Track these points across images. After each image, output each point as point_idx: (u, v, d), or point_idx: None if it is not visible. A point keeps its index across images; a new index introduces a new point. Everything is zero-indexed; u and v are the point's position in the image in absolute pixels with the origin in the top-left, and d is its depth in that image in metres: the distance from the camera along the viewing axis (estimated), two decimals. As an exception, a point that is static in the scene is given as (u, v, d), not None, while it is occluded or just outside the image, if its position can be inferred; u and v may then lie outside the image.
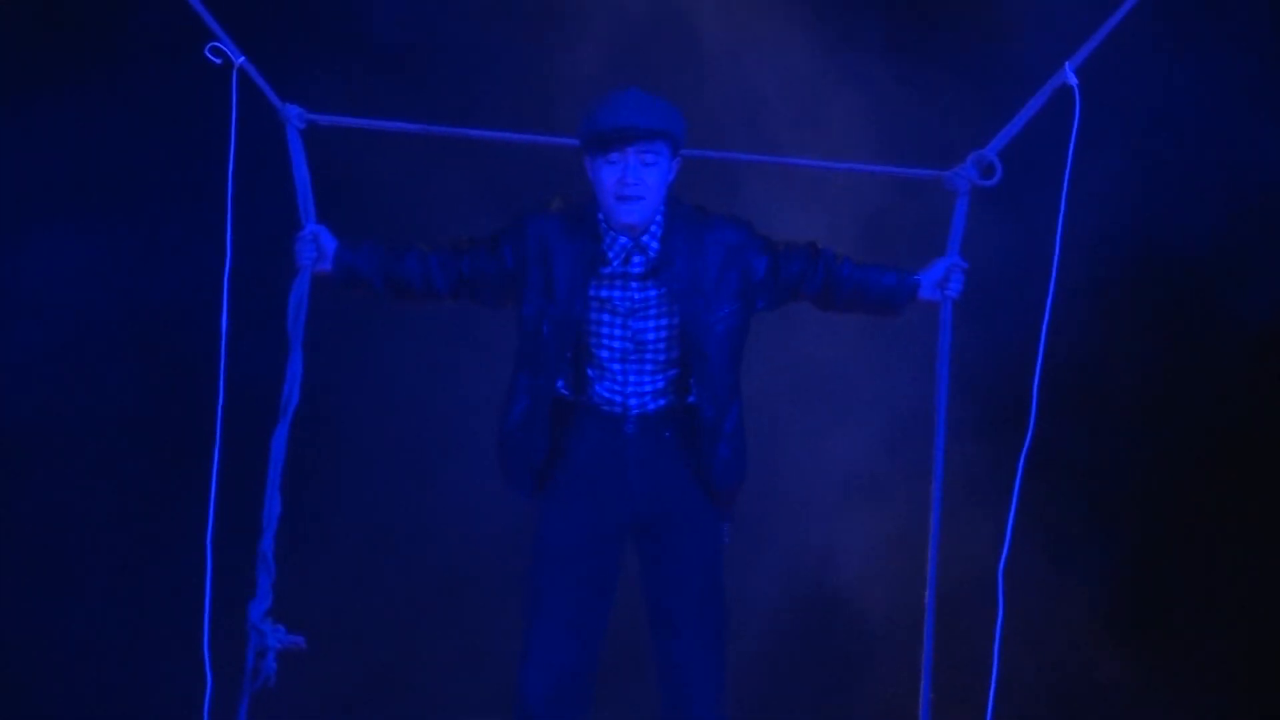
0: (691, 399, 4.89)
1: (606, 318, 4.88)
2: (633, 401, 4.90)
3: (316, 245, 5.01)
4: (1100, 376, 7.27)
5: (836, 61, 7.22)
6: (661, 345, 4.89)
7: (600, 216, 4.88)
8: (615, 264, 4.87)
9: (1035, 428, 5.17)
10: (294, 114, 5.06)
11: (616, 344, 4.89)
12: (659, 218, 4.87)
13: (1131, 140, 7.09)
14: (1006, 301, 6.84)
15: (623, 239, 4.86)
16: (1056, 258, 5.18)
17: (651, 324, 4.88)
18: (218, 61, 5.00)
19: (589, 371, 4.90)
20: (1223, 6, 7.10)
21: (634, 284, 4.88)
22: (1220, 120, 7.16)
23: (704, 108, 6.69)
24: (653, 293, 4.88)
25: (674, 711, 4.90)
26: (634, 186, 4.79)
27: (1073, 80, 5.07)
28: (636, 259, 4.87)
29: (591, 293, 4.86)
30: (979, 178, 5.16)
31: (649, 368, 4.90)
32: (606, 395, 4.89)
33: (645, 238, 4.86)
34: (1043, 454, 5.28)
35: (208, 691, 4.97)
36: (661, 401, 4.91)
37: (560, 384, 4.90)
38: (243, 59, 5.01)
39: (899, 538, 7.00)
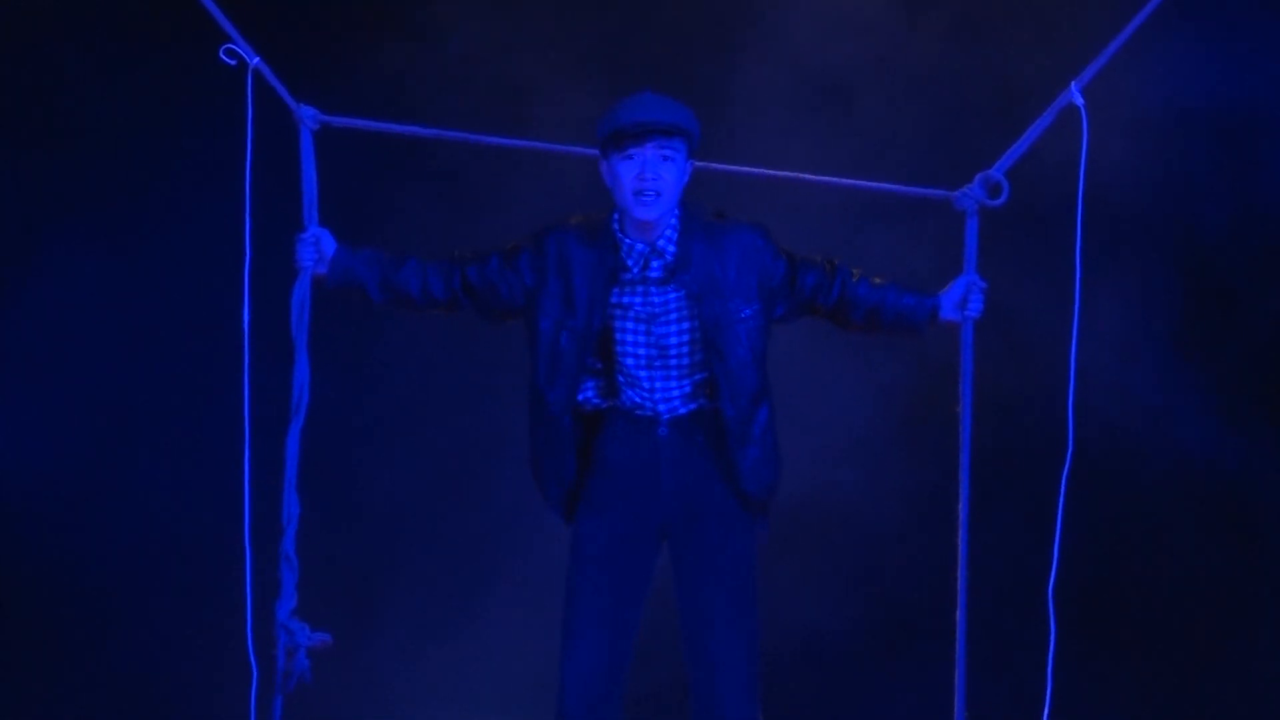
0: (719, 401, 4.90)
1: (630, 325, 4.89)
2: (662, 407, 4.91)
3: (317, 248, 5.02)
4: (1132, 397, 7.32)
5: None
6: (685, 350, 4.90)
7: (615, 226, 4.90)
8: (634, 270, 4.88)
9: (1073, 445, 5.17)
10: (308, 115, 5.07)
11: (641, 351, 4.89)
12: (674, 220, 4.89)
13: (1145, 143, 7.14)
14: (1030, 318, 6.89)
15: (639, 245, 4.87)
16: (1079, 274, 5.19)
17: (674, 328, 4.89)
18: (232, 63, 5.00)
19: (618, 378, 4.91)
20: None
21: (654, 289, 4.89)
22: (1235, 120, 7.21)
23: (713, 123, 6.72)
24: (672, 296, 4.88)
25: (707, 713, 4.88)
26: (653, 181, 4.79)
27: (1079, 100, 5.07)
28: (655, 263, 4.88)
29: (614, 300, 4.88)
30: (986, 198, 5.15)
31: (675, 373, 4.91)
32: (637, 400, 4.91)
33: (661, 241, 4.87)
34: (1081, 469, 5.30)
35: (254, 683, 4.95)
36: (692, 405, 4.92)
37: (590, 393, 4.92)
38: (257, 60, 5.00)
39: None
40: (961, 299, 5.11)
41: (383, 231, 6.22)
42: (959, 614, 5.09)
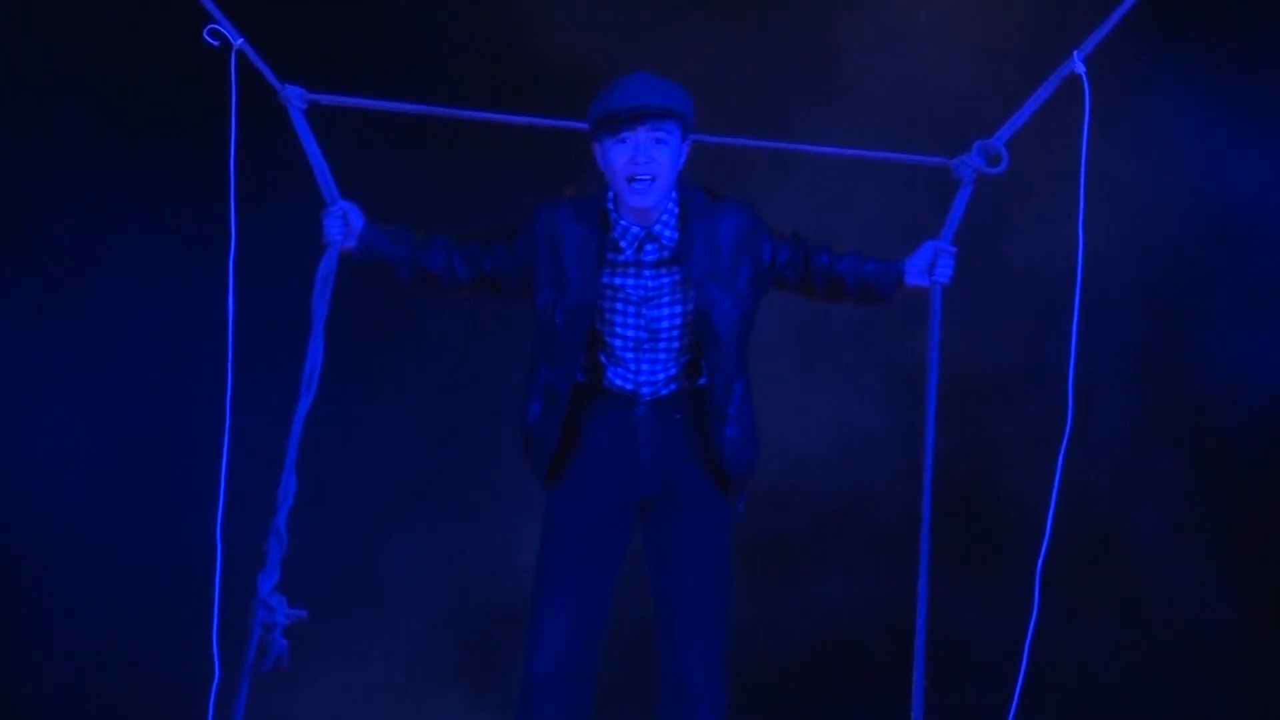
0: (703, 381, 4.87)
1: (620, 306, 4.85)
2: (645, 389, 4.88)
3: (345, 222, 4.95)
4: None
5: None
6: (676, 333, 4.87)
7: (610, 205, 4.84)
8: (628, 252, 4.83)
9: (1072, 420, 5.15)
10: (295, 95, 5.01)
11: (630, 332, 4.86)
12: (673, 206, 4.84)
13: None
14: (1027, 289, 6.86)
15: (634, 228, 4.83)
16: (1081, 246, 5.17)
17: (665, 311, 4.85)
18: (216, 44, 4.96)
19: (601, 358, 4.88)
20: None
21: (647, 272, 4.84)
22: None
23: (710, 91, 6.66)
24: (666, 280, 4.85)
25: (673, 690, 4.88)
26: (645, 165, 4.74)
27: (1080, 69, 5.05)
28: (649, 247, 4.84)
29: (605, 280, 4.83)
30: (985, 166, 5.13)
31: (662, 355, 4.87)
32: (619, 382, 4.87)
33: (658, 226, 4.83)
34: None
35: (215, 680, 4.94)
36: (674, 386, 4.90)
37: (577, 373, 4.88)
38: (241, 41, 4.96)
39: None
40: (929, 264, 5.08)
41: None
42: (919, 592, 5.07)
